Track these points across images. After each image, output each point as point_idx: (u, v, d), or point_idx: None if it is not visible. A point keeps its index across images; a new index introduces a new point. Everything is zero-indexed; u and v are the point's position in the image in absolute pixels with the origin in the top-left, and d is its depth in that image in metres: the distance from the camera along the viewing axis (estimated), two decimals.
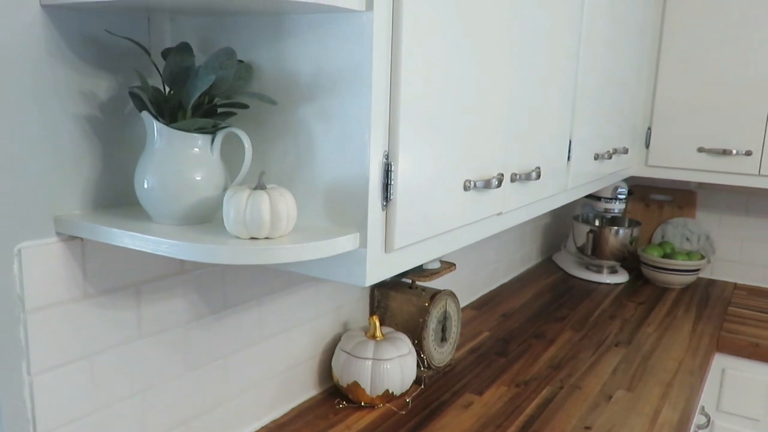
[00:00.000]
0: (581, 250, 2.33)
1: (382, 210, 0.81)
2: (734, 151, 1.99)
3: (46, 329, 0.83)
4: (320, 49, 0.78)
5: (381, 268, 0.82)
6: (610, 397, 1.41)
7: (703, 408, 1.84)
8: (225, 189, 0.82)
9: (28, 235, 0.80)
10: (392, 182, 0.80)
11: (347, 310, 1.43)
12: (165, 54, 0.82)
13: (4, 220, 0.78)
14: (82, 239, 0.86)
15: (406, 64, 0.79)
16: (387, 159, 0.79)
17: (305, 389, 1.34)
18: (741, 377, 1.83)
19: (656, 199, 2.50)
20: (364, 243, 0.79)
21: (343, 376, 1.30)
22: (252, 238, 0.74)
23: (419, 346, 1.41)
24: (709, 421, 1.84)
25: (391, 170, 0.80)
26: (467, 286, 1.99)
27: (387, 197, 0.80)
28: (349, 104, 0.77)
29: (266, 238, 0.74)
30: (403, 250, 0.86)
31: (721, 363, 1.85)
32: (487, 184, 1.01)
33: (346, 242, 0.77)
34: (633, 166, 2.12)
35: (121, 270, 0.92)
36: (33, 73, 0.78)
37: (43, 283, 0.82)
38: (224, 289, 1.10)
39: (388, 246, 0.82)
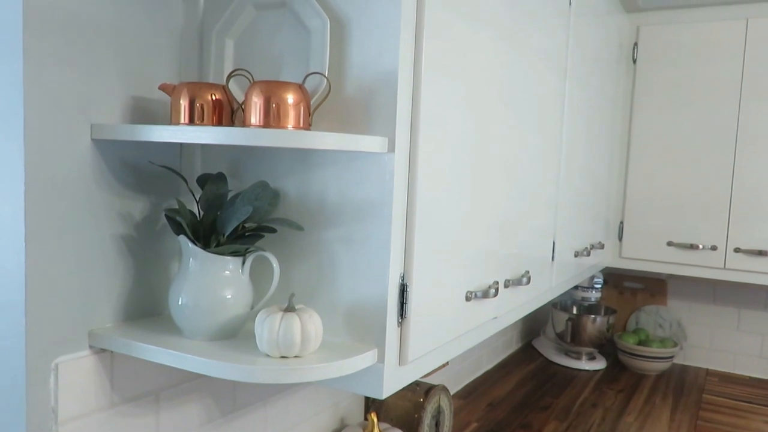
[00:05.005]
0: (560, 336, 2.42)
1: (398, 327, 0.88)
2: (701, 246, 2.13)
3: None
4: (344, 181, 0.87)
5: (396, 380, 0.89)
6: None
7: None
8: (252, 306, 0.89)
9: (63, 350, 0.85)
10: (407, 301, 0.88)
11: (344, 406, 1.47)
12: (201, 182, 0.91)
13: (42, 337, 0.83)
14: (111, 351, 0.91)
15: (420, 196, 0.88)
16: (403, 280, 0.88)
17: None
18: None
19: (629, 286, 2.62)
20: (381, 358, 0.86)
21: None
22: (282, 357, 0.80)
23: None
24: None
25: (406, 290, 0.88)
26: (453, 375, 2.05)
27: (402, 314, 0.88)
28: (371, 232, 0.85)
29: (295, 356, 0.80)
30: (415, 362, 0.93)
31: None
32: (485, 294, 1.09)
33: (366, 359, 0.84)
34: (608, 257, 2.24)
35: (144, 378, 0.96)
36: (79, 199, 0.85)
37: (75, 396, 0.86)
38: (234, 392, 1.14)
39: (402, 359, 0.89)
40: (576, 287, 2.37)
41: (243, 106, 0.82)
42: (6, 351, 0.82)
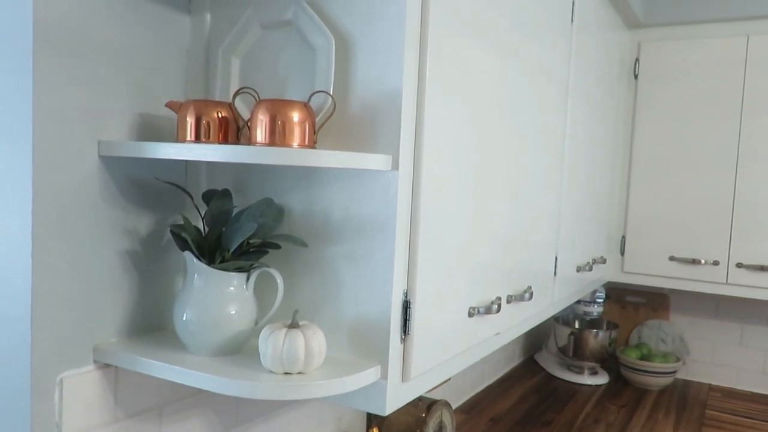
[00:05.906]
0: (562, 351, 2.41)
1: (401, 343, 0.88)
2: (703, 261, 2.13)
3: None
4: (348, 198, 0.88)
5: (398, 396, 0.89)
6: None
7: None
8: (256, 322, 0.89)
9: (68, 365, 0.86)
10: (410, 317, 0.88)
11: (346, 421, 1.47)
12: (206, 198, 0.91)
13: (47, 351, 0.83)
14: (116, 366, 0.91)
15: (423, 213, 0.89)
16: (406, 296, 0.88)
17: None
18: None
19: (631, 301, 2.62)
20: (384, 375, 0.86)
21: None
22: (286, 373, 0.80)
23: None
24: None
25: (409, 307, 0.88)
26: (456, 389, 2.04)
27: (406, 331, 0.88)
28: (374, 248, 0.86)
29: (299, 372, 0.80)
30: (418, 378, 0.93)
31: None
32: (488, 310, 1.09)
33: (370, 375, 0.84)
34: (610, 272, 2.24)
35: (147, 393, 0.97)
36: (86, 215, 0.86)
37: (78, 410, 0.87)
38: (237, 407, 1.14)
39: (405, 376, 0.89)
40: (578, 301, 2.37)
41: (249, 124, 0.83)
42: (11, 365, 0.83)
